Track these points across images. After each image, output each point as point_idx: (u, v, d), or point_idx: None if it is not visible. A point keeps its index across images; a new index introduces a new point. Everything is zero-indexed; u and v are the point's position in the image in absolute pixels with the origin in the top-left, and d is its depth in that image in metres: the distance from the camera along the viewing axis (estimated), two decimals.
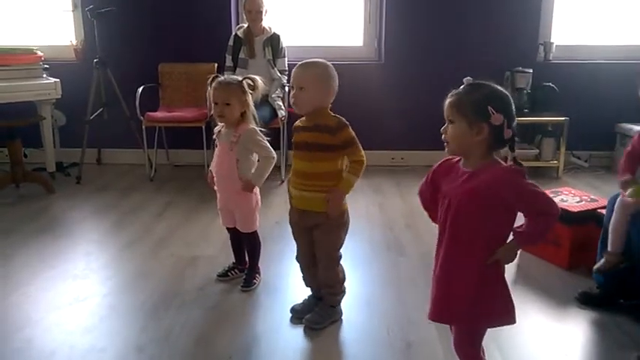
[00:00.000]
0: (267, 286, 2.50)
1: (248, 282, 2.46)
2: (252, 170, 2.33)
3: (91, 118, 4.16)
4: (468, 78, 1.48)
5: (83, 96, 4.15)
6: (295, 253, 2.21)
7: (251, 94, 2.29)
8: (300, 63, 1.99)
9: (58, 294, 2.43)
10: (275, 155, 2.34)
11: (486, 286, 1.47)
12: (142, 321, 2.20)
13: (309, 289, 2.27)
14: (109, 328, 2.16)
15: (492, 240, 1.45)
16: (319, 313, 2.15)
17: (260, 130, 2.33)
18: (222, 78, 2.31)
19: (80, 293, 2.43)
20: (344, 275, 2.18)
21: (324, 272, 2.12)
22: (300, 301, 2.26)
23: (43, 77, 4.04)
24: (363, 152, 2.01)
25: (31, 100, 3.99)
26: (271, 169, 2.33)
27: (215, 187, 2.42)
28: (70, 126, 4.46)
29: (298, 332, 2.12)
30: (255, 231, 2.46)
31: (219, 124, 2.38)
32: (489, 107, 1.38)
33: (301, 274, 2.24)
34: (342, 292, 2.19)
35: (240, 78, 2.31)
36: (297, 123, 2.07)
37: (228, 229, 2.51)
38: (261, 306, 2.32)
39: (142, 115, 4.07)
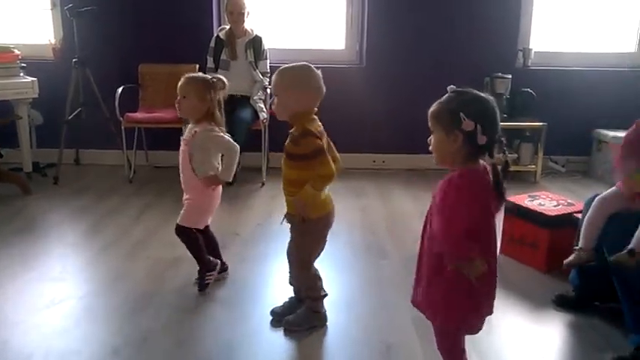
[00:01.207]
0: (248, 288, 2.49)
1: (200, 284, 2.43)
2: (210, 169, 2.35)
3: (69, 118, 4.10)
4: (452, 86, 1.49)
5: (61, 95, 4.10)
6: (280, 255, 2.20)
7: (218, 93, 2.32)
8: (279, 69, 1.99)
9: (35, 296, 2.39)
10: (238, 147, 2.34)
11: (444, 287, 1.50)
12: (119, 323, 2.18)
13: (290, 291, 2.26)
14: (85, 331, 2.13)
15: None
16: (299, 316, 2.15)
17: (220, 129, 2.35)
18: (192, 74, 2.37)
19: (57, 295, 2.39)
20: (318, 281, 2.16)
21: (292, 271, 2.16)
22: (280, 303, 2.26)
23: (19, 76, 3.97)
24: (329, 166, 1.93)
25: (7, 99, 3.92)
26: (237, 160, 2.34)
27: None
28: (48, 126, 4.39)
29: (278, 335, 2.12)
30: (185, 228, 2.39)
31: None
32: (461, 114, 1.39)
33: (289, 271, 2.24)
34: (321, 297, 2.18)
35: (209, 76, 2.34)
36: None
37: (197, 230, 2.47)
38: (242, 308, 2.31)
39: (122, 116, 4.03)
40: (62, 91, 4.11)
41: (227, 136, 2.35)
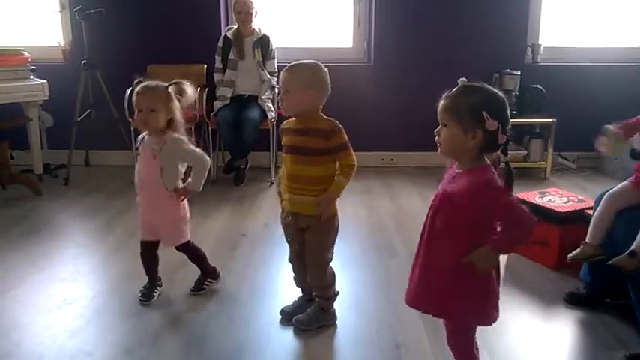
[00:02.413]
0: (257, 288, 2.49)
1: (197, 286, 2.43)
2: (178, 180, 2.23)
3: (79, 119, 4.13)
4: (463, 79, 1.46)
5: (71, 97, 4.12)
6: (287, 255, 2.19)
7: (178, 99, 2.18)
8: (288, 65, 1.99)
9: (46, 297, 2.41)
10: (208, 158, 2.23)
11: (461, 283, 1.47)
12: (130, 324, 2.19)
13: (298, 290, 2.27)
14: (96, 331, 2.15)
15: (470, 241, 1.45)
16: (310, 315, 2.15)
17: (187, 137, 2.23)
18: (147, 82, 2.18)
19: (68, 296, 2.41)
20: (334, 279, 2.16)
21: (312, 274, 2.12)
22: (289, 302, 2.26)
23: (30, 78, 4.00)
24: (354, 156, 2.00)
25: (18, 102, 3.96)
26: (207, 171, 2.23)
27: (137, 198, 2.31)
28: (58, 127, 4.43)
29: (288, 334, 2.12)
30: (188, 241, 2.35)
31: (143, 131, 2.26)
32: (484, 113, 1.36)
33: (293, 275, 2.23)
34: (334, 295, 2.18)
35: (166, 84, 2.20)
36: (286, 125, 2.05)
37: (144, 242, 2.35)
38: (251, 308, 2.32)
39: (131, 117, 4.05)
40: (72, 92, 4.13)
41: (194, 147, 2.23)
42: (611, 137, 2.26)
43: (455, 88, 1.45)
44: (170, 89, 2.18)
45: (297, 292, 2.27)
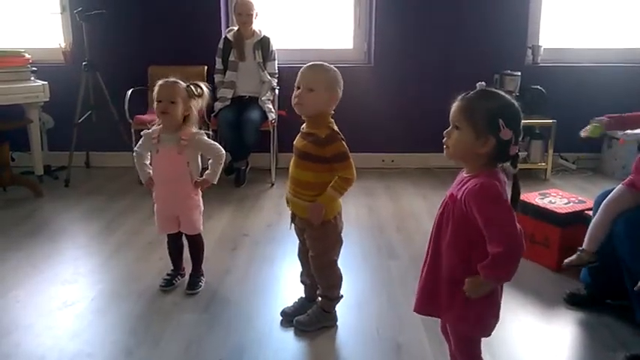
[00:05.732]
0: (258, 289, 2.49)
1: (194, 285, 2.46)
2: (199, 171, 2.37)
3: (80, 121, 4.13)
4: (482, 83, 1.42)
5: (72, 99, 4.13)
6: (290, 255, 2.20)
7: (197, 98, 2.28)
8: (310, 64, 1.96)
9: (47, 298, 2.41)
10: (224, 152, 2.38)
11: (460, 291, 1.42)
12: (131, 325, 2.19)
13: (300, 290, 2.27)
14: (97, 333, 2.15)
15: (470, 253, 1.40)
16: (310, 316, 2.15)
17: (206, 133, 2.38)
18: (169, 78, 2.29)
19: (69, 297, 2.41)
20: (340, 281, 2.16)
21: (314, 272, 2.14)
22: (290, 304, 2.26)
23: (30, 80, 4.01)
24: (353, 170, 1.98)
25: (19, 103, 3.96)
26: (223, 164, 2.38)
27: (154, 194, 2.41)
28: (59, 129, 4.43)
29: (289, 335, 2.12)
30: (200, 233, 2.46)
31: (155, 126, 2.37)
32: (500, 120, 1.32)
33: (300, 270, 2.25)
34: (337, 298, 2.18)
35: (186, 83, 2.29)
36: (302, 127, 2.05)
37: (169, 235, 2.48)
38: (252, 309, 2.31)
39: (131, 118, 4.06)
40: (73, 94, 4.14)
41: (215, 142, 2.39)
42: (594, 123, 2.36)
43: (473, 91, 1.40)
44: (190, 87, 2.27)
45: (299, 293, 2.28)
